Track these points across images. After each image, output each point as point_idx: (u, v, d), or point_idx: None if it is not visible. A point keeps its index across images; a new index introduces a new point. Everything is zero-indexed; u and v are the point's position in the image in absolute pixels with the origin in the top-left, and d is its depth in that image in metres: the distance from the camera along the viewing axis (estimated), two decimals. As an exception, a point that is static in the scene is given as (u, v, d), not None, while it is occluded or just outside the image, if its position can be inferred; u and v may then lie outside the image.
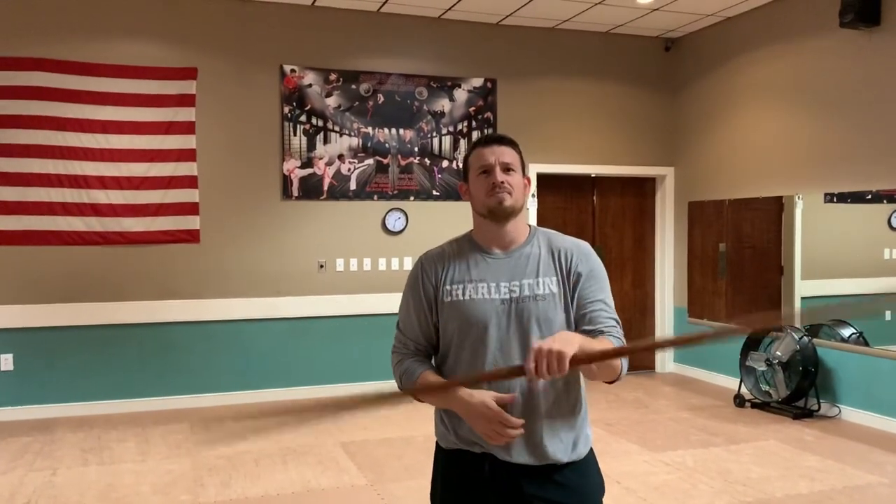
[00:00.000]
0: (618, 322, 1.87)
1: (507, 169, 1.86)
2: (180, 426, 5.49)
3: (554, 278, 1.85)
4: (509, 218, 1.86)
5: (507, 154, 1.87)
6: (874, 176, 5.42)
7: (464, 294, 1.85)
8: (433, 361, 1.96)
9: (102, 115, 5.79)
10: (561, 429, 1.83)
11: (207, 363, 6.13)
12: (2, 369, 5.66)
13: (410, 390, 1.86)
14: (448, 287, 1.87)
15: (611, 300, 1.89)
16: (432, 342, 1.93)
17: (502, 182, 1.84)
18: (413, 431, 5.34)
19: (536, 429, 1.80)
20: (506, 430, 1.72)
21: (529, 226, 1.95)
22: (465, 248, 1.93)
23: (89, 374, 5.84)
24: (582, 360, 1.60)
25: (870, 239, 5.60)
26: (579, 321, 1.84)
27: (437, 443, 1.97)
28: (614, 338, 1.82)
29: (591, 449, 1.92)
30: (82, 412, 5.79)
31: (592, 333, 1.80)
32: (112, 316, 5.89)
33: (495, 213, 1.85)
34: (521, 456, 1.81)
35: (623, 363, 1.80)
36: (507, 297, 1.83)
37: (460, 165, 6.71)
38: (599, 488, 1.91)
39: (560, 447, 1.82)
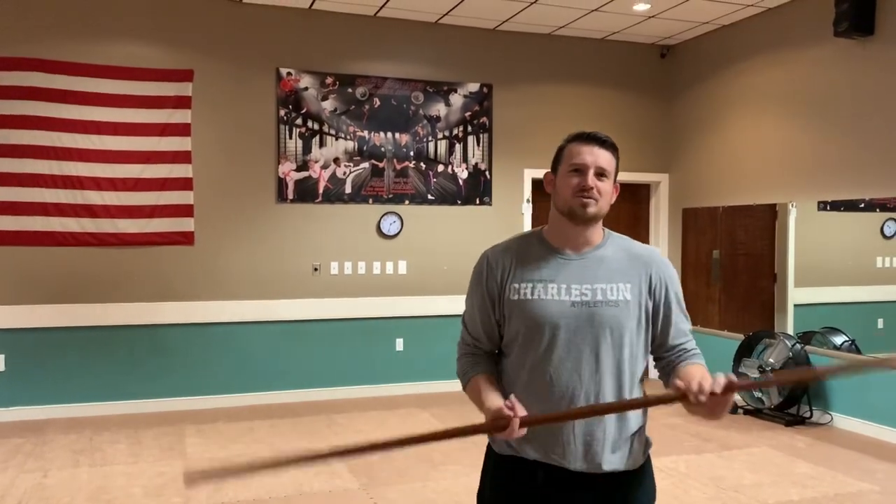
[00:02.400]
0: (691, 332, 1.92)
1: (600, 174, 1.78)
2: (172, 428, 5.47)
3: (629, 285, 1.80)
4: (589, 224, 1.81)
5: (604, 158, 1.79)
6: (867, 184, 5.45)
7: (532, 293, 1.79)
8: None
9: (97, 115, 5.78)
10: (619, 436, 1.79)
11: (200, 365, 6.11)
12: (-7, 370, 5.65)
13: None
14: (515, 284, 1.81)
15: (686, 311, 1.92)
16: (495, 341, 1.87)
17: (592, 188, 1.76)
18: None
19: (596, 437, 1.76)
20: (505, 422, 1.65)
21: (603, 229, 1.88)
22: (533, 245, 1.86)
23: (81, 375, 5.82)
24: (742, 385, 1.71)
25: (862, 247, 5.63)
26: (661, 341, 1.85)
27: (489, 445, 1.92)
28: (700, 357, 1.87)
29: (649, 457, 1.88)
30: (74, 413, 5.77)
31: (678, 354, 1.85)
32: (105, 317, 5.87)
33: (575, 216, 1.79)
34: (576, 462, 1.76)
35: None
36: (579, 299, 1.77)
37: (456, 170, 6.79)
38: (651, 498, 1.89)
39: (617, 455, 1.78)
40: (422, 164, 6.70)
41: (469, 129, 6.84)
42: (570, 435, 1.76)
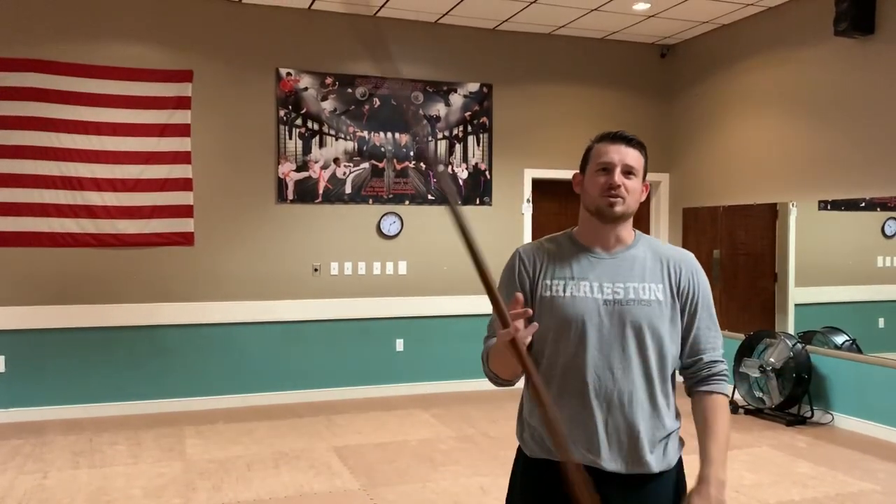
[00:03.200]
0: (721, 344, 1.89)
1: (627, 172, 1.78)
2: (172, 429, 5.46)
3: (660, 286, 1.80)
4: (617, 222, 1.81)
5: (631, 156, 1.78)
6: (868, 184, 5.44)
7: (564, 291, 1.78)
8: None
9: (97, 116, 5.77)
10: (655, 436, 1.78)
11: (200, 366, 6.10)
12: (-7, 371, 5.64)
13: (495, 377, 1.81)
14: (547, 282, 1.81)
15: (716, 319, 1.88)
16: None
17: (619, 186, 1.76)
18: (406, 436, 5.32)
19: (632, 434, 1.76)
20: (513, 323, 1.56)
21: (634, 230, 1.88)
22: (565, 245, 1.86)
23: (81, 376, 5.81)
24: None
25: (863, 246, 5.62)
26: (685, 343, 1.83)
27: (518, 449, 1.90)
28: (721, 382, 1.85)
29: (681, 458, 1.86)
30: (74, 415, 5.76)
31: (699, 370, 1.84)
32: (105, 318, 5.86)
33: (603, 215, 1.79)
34: (611, 462, 1.75)
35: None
36: (611, 297, 1.77)
37: (456, 170, 6.78)
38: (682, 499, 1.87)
39: (653, 456, 1.77)
40: (422, 164, 6.70)
41: (469, 129, 6.84)
42: (604, 434, 1.75)
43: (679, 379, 1.89)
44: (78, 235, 5.76)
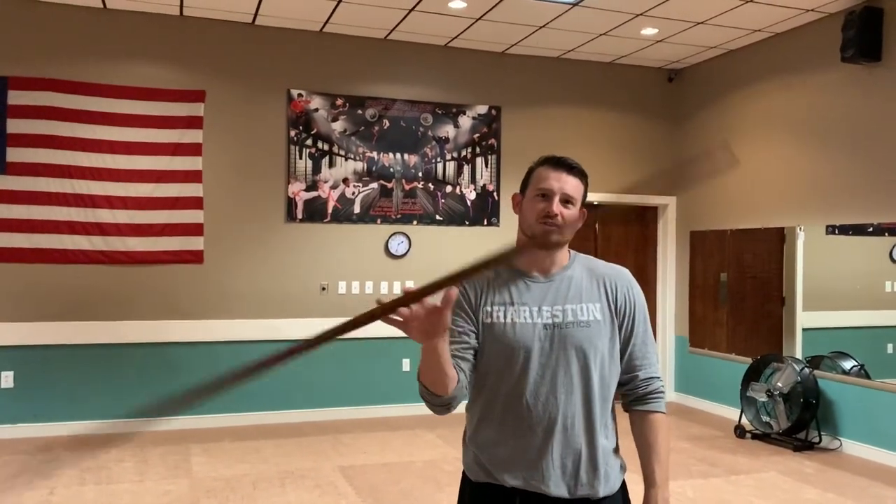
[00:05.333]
0: (657, 360, 1.91)
1: (565, 201, 1.78)
2: (178, 447, 5.47)
3: (598, 305, 1.81)
4: (553, 250, 1.82)
5: (570, 185, 1.79)
6: (876, 209, 5.45)
7: (505, 317, 1.80)
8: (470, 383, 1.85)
9: (111, 135, 5.85)
10: (598, 459, 1.79)
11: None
12: (2, 387, 5.66)
13: (426, 392, 1.70)
14: (488, 308, 1.81)
15: (652, 335, 1.91)
16: (466, 366, 1.80)
17: (557, 215, 1.77)
18: (412, 457, 5.32)
19: (575, 458, 1.77)
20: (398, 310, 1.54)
21: (569, 250, 1.89)
22: (503, 272, 1.87)
23: (89, 393, 5.83)
24: None
25: (871, 271, 5.61)
26: (621, 359, 1.85)
27: (463, 473, 1.91)
28: (658, 400, 1.86)
29: (624, 481, 1.87)
30: (81, 431, 5.77)
31: (635, 387, 1.85)
32: (114, 335, 5.90)
33: (539, 243, 1.80)
34: (557, 488, 1.76)
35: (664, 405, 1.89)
36: (550, 321, 1.79)
37: (464, 191, 6.82)
38: None
39: (596, 479, 1.78)
40: (430, 184, 6.74)
41: (477, 150, 6.88)
42: (548, 459, 1.76)
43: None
44: (89, 252, 5.81)
